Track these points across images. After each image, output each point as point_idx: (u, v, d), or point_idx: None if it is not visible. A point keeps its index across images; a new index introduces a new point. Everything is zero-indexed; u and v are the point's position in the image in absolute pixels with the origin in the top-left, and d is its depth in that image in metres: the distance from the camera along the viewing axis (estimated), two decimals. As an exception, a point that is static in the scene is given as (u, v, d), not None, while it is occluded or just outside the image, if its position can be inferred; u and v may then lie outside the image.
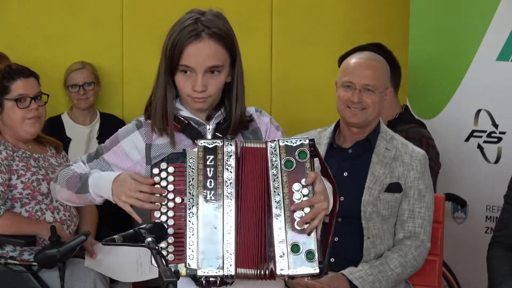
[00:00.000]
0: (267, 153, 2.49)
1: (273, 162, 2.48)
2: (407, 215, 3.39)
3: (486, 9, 4.32)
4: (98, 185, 2.55)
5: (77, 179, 2.60)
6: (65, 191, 2.64)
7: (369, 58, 3.46)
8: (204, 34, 2.50)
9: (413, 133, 4.03)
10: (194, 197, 2.47)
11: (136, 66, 5.37)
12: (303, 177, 2.46)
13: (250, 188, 2.48)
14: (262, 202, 2.48)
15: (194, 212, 2.46)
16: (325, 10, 5.20)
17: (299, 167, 2.47)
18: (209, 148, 2.48)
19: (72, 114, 5.16)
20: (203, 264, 2.44)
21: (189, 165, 2.48)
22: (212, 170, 2.47)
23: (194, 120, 2.60)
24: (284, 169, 2.47)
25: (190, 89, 2.53)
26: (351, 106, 3.40)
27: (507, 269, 3.37)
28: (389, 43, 4.36)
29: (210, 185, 2.47)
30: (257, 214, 2.47)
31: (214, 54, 2.52)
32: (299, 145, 2.48)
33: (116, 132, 2.69)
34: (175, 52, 2.51)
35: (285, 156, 2.47)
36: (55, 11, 5.41)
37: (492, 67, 4.31)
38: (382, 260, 3.33)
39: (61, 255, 3.62)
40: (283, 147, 2.48)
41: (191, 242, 2.45)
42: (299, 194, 2.45)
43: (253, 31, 5.15)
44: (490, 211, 4.35)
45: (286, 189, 2.46)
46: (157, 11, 5.34)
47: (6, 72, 3.88)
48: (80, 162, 2.67)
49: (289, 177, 2.46)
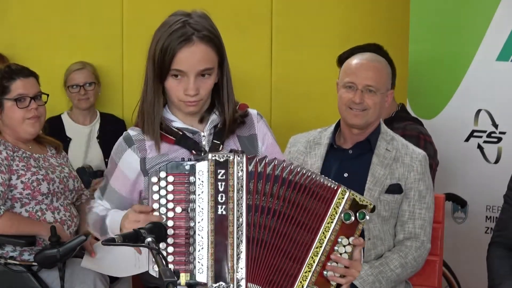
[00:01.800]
0: (336, 196, 2.51)
1: (336, 207, 2.51)
2: (408, 216, 3.39)
3: (486, 9, 4.32)
4: (113, 225, 2.59)
5: (99, 222, 2.67)
6: (95, 233, 2.74)
7: (371, 59, 3.46)
8: (195, 37, 2.49)
9: (410, 130, 4.03)
10: (203, 210, 2.46)
11: (136, 66, 5.33)
12: (352, 235, 2.52)
13: (292, 213, 2.49)
14: (302, 232, 2.50)
15: (204, 226, 2.45)
16: (325, 11, 5.20)
17: (353, 226, 2.52)
18: (220, 162, 2.46)
19: (72, 114, 5.16)
20: (215, 279, 2.44)
21: (198, 178, 2.46)
22: (223, 184, 2.46)
23: (188, 130, 2.60)
24: (342, 219, 2.51)
25: (182, 93, 2.52)
26: (352, 107, 3.40)
27: (507, 269, 3.37)
28: (389, 43, 4.37)
29: (221, 199, 2.46)
30: (287, 237, 2.49)
31: (205, 57, 2.51)
32: (364, 205, 2.53)
33: (111, 153, 2.69)
34: (166, 57, 2.49)
35: (347, 208, 2.51)
36: (55, 11, 5.41)
37: (492, 67, 4.31)
38: (382, 261, 3.33)
39: (61, 255, 3.62)
40: (351, 199, 2.52)
41: (201, 256, 2.45)
42: (341, 248, 2.51)
43: (253, 31, 5.16)
44: (490, 211, 4.35)
45: (333, 236, 2.50)
46: (157, 11, 5.32)
47: (6, 72, 3.88)
48: (98, 200, 2.74)
49: (340, 229, 2.51)
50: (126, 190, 2.64)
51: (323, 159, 3.46)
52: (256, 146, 2.68)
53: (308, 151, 3.51)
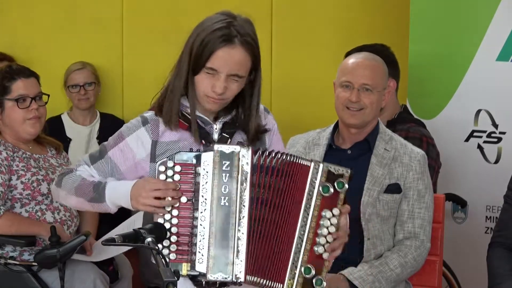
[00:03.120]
0: (309, 172, 2.51)
1: (312, 183, 2.51)
2: (407, 216, 3.39)
3: (486, 9, 4.32)
4: (115, 195, 2.55)
5: (89, 187, 2.58)
6: (73, 197, 2.62)
7: (367, 58, 3.47)
8: (237, 40, 2.50)
9: (413, 132, 4.03)
10: (206, 201, 2.47)
11: (136, 66, 5.38)
12: (335, 206, 2.51)
13: (277, 200, 2.50)
14: (286, 217, 2.50)
15: (207, 216, 2.46)
16: (325, 10, 5.19)
17: (334, 196, 2.51)
18: (226, 153, 2.48)
19: (72, 114, 5.16)
20: (213, 270, 2.45)
21: (203, 168, 2.47)
22: (227, 175, 2.47)
23: (201, 119, 2.60)
24: (320, 193, 2.50)
25: (209, 88, 2.52)
26: (349, 107, 3.40)
27: (507, 269, 3.37)
28: (389, 43, 4.36)
29: (225, 190, 2.47)
30: (272, 225, 2.49)
31: (242, 62, 2.52)
32: (340, 174, 2.52)
33: (119, 129, 2.66)
34: (204, 52, 2.50)
35: (324, 181, 2.51)
36: (55, 11, 5.42)
37: (492, 67, 4.31)
38: (382, 261, 3.33)
39: (61, 256, 3.62)
40: (326, 171, 2.51)
41: (201, 246, 2.46)
42: (327, 221, 2.50)
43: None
44: (490, 211, 4.35)
45: (316, 212, 2.49)
46: (157, 11, 5.34)
47: (7, 72, 3.88)
48: (84, 165, 2.65)
49: (321, 202, 2.50)
50: (125, 166, 2.60)
51: (322, 160, 3.46)
52: (263, 141, 2.68)
53: (307, 151, 3.51)
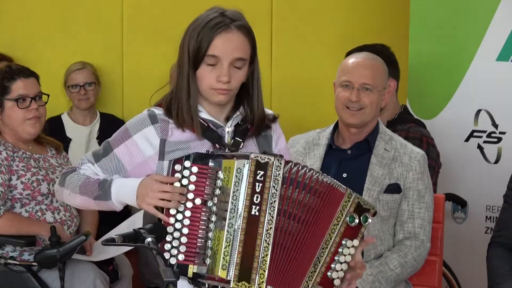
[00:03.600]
0: (342, 199, 2.53)
1: (342, 210, 2.53)
2: (407, 216, 3.39)
3: (486, 9, 4.32)
4: (122, 192, 2.52)
5: (95, 185, 2.55)
6: (77, 196, 2.59)
7: (367, 58, 3.47)
8: (233, 25, 2.52)
9: (414, 132, 4.03)
10: (235, 208, 2.45)
11: (136, 66, 5.38)
12: (355, 237, 2.54)
13: (305, 217, 2.50)
14: (311, 235, 2.51)
15: (235, 224, 2.44)
16: (325, 10, 5.20)
17: (356, 228, 2.54)
18: (261, 163, 2.46)
19: (72, 114, 5.16)
20: (238, 278, 2.43)
21: (235, 175, 2.45)
22: (260, 186, 2.46)
23: (213, 122, 2.58)
24: (347, 221, 2.53)
25: (214, 80, 2.51)
26: (349, 106, 3.40)
27: (507, 269, 3.38)
28: (389, 43, 4.36)
29: (256, 200, 2.46)
30: (300, 242, 2.49)
31: (241, 46, 2.53)
32: (367, 209, 2.56)
33: (125, 126, 2.63)
34: (201, 45, 2.49)
35: (352, 211, 2.53)
36: (55, 11, 5.42)
37: (492, 67, 4.31)
38: (381, 261, 3.33)
39: (61, 256, 3.62)
40: (356, 202, 2.54)
41: (226, 252, 2.44)
42: (345, 250, 2.52)
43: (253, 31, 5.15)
44: (490, 211, 4.35)
45: (338, 238, 2.51)
46: (157, 11, 5.34)
47: (6, 72, 3.88)
48: (88, 163, 2.62)
49: (345, 232, 2.53)
50: (131, 165, 2.57)
51: (322, 160, 3.46)
52: (270, 147, 2.68)
53: (307, 152, 3.51)
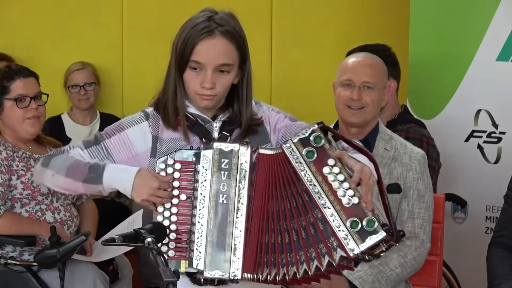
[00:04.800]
0: (287, 155, 2.48)
1: (296, 160, 2.47)
2: (407, 216, 3.39)
3: (486, 9, 4.32)
4: (116, 178, 2.53)
5: (85, 168, 2.55)
6: (61, 178, 2.58)
7: (367, 57, 3.49)
8: (217, 31, 2.50)
9: (413, 132, 4.03)
10: (204, 198, 2.48)
11: (136, 66, 5.38)
12: (329, 158, 2.44)
13: (269, 194, 2.48)
14: (289, 207, 2.46)
15: (204, 214, 2.47)
16: (325, 11, 5.20)
17: (321, 152, 2.45)
18: (225, 151, 2.48)
19: (72, 114, 5.16)
20: (210, 267, 2.46)
21: (202, 166, 2.49)
22: (226, 173, 2.48)
23: (201, 117, 2.60)
24: (308, 161, 2.45)
25: (198, 86, 2.52)
26: (350, 105, 3.41)
27: (507, 270, 3.37)
28: (389, 43, 4.36)
29: (223, 188, 2.48)
30: (275, 220, 2.47)
31: (226, 52, 2.52)
32: (311, 132, 2.47)
33: (119, 121, 2.65)
34: (186, 48, 2.50)
35: (303, 149, 2.46)
36: (55, 11, 5.42)
37: (492, 67, 4.31)
38: (381, 261, 3.33)
39: (61, 256, 3.62)
40: (298, 142, 2.47)
41: (199, 243, 2.47)
42: (332, 176, 2.43)
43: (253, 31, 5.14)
44: (490, 211, 4.35)
45: (319, 177, 2.44)
46: (157, 11, 5.34)
47: (6, 72, 3.88)
48: (77, 148, 2.63)
49: (316, 165, 2.45)
50: (120, 157, 2.58)
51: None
52: (265, 132, 2.66)
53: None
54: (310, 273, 2.43)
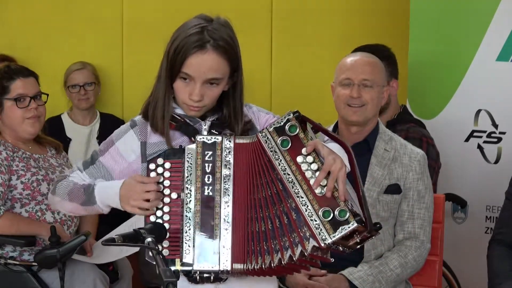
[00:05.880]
0: (262, 144, 2.49)
1: (271, 149, 2.47)
2: (407, 216, 3.39)
3: (486, 9, 4.32)
4: (105, 195, 2.56)
5: (81, 191, 2.60)
6: (67, 203, 2.64)
7: (365, 55, 3.51)
8: (209, 45, 2.49)
9: (413, 132, 4.04)
10: (191, 192, 2.49)
11: (136, 66, 5.38)
12: (303, 147, 2.45)
13: (249, 183, 2.49)
14: (264, 195, 2.47)
15: (191, 207, 2.49)
16: (325, 11, 5.20)
17: (295, 141, 2.46)
18: (208, 143, 2.51)
19: (72, 114, 5.16)
20: (199, 259, 2.47)
21: (187, 160, 2.50)
22: (210, 165, 2.49)
23: (189, 117, 2.60)
24: (282, 150, 2.46)
25: (186, 96, 2.53)
26: (351, 104, 3.41)
27: (508, 269, 3.37)
28: (389, 43, 4.37)
29: (208, 180, 2.49)
30: (257, 209, 2.47)
31: (216, 67, 2.51)
32: (286, 121, 2.48)
33: (111, 135, 2.69)
34: (177, 59, 2.51)
35: (278, 138, 2.47)
36: (55, 11, 5.42)
37: (492, 67, 4.31)
38: (382, 261, 3.33)
39: (61, 256, 3.62)
40: (273, 131, 2.48)
41: (187, 237, 2.48)
42: (306, 165, 2.43)
43: (253, 31, 5.15)
44: (490, 211, 4.35)
45: (293, 166, 2.44)
46: (157, 11, 5.34)
47: (5, 72, 3.88)
48: (77, 170, 2.67)
49: (291, 154, 2.45)
50: (117, 171, 2.62)
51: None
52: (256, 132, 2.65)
53: (307, 151, 3.50)
54: (283, 262, 2.41)
